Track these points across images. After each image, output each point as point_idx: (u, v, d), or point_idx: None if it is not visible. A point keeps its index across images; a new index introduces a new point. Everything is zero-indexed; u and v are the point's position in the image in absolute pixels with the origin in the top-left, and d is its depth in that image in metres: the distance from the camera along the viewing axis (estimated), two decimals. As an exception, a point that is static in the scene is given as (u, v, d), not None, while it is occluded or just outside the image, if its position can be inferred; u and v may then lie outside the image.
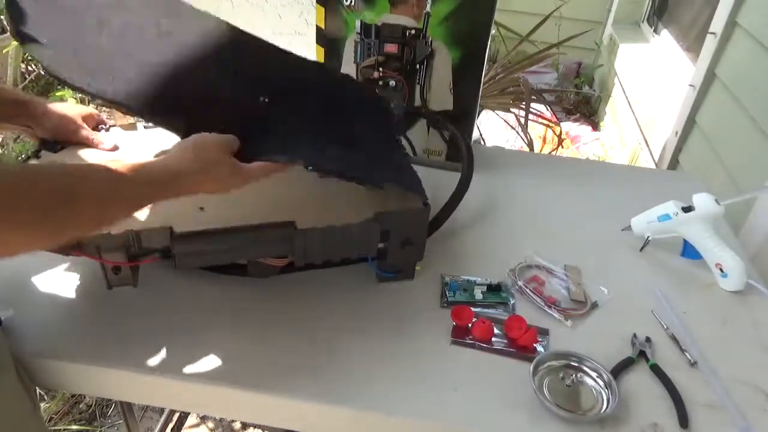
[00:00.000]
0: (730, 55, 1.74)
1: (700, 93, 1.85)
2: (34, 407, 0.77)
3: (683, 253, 0.96)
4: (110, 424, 1.53)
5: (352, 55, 1.12)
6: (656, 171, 1.85)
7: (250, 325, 0.79)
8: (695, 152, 1.88)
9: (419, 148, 1.19)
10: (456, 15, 1.04)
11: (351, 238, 0.77)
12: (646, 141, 2.32)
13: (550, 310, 0.83)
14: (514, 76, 2.02)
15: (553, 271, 0.91)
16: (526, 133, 2.01)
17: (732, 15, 1.70)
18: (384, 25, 1.08)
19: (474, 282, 0.87)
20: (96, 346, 0.75)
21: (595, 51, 3.52)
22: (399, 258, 0.84)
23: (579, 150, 2.86)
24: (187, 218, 0.75)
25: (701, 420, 0.69)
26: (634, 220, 0.99)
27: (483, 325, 0.78)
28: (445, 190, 0.94)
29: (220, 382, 0.71)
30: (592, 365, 0.73)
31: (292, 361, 0.74)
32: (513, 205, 1.09)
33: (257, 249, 0.78)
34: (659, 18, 3.02)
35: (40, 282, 0.83)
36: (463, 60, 1.08)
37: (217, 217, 0.77)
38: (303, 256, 0.78)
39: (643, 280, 0.92)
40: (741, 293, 0.90)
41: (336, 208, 0.80)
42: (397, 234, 0.80)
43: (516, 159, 1.32)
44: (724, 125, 1.71)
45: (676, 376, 0.73)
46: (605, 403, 0.69)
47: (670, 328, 0.82)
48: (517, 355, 0.76)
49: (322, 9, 1.08)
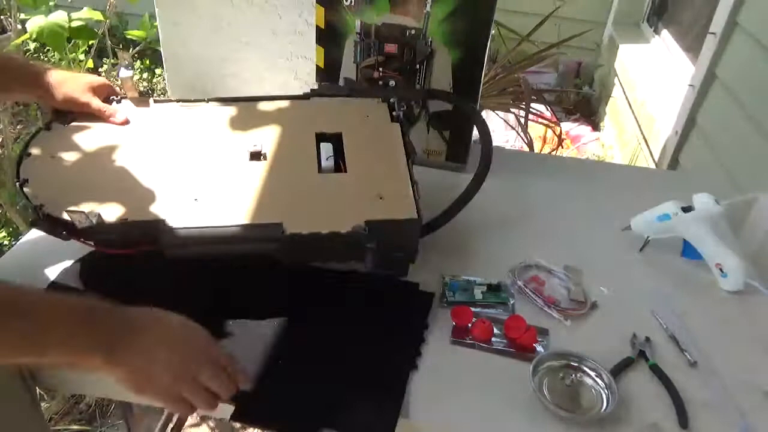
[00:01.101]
0: (730, 55, 1.74)
1: (700, 93, 1.85)
2: (34, 407, 0.77)
3: (683, 253, 0.96)
4: (110, 424, 1.53)
5: (352, 55, 1.12)
6: (656, 171, 1.85)
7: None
8: (695, 152, 1.88)
9: (419, 148, 1.19)
10: (456, 15, 1.04)
11: (338, 245, 0.77)
12: (646, 141, 2.32)
13: (550, 310, 0.83)
14: (514, 76, 2.01)
15: (553, 271, 0.91)
16: (526, 133, 2.01)
17: (732, 15, 1.70)
18: (384, 25, 1.08)
19: (474, 282, 0.87)
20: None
21: (595, 51, 3.52)
22: (389, 265, 0.83)
23: (579, 150, 2.86)
24: (181, 210, 0.76)
25: (701, 420, 0.69)
26: (634, 220, 0.99)
27: (483, 325, 0.78)
28: (445, 191, 0.94)
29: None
30: (591, 365, 0.73)
31: (292, 361, 0.74)
32: (513, 205, 1.09)
33: (244, 246, 0.77)
34: (659, 18, 3.02)
35: (40, 282, 0.83)
36: (463, 60, 1.08)
37: (211, 210, 0.77)
38: (289, 257, 0.78)
39: (643, 280, 0.92)
40: (741, 293, 0.90)
41: (328, 212, 0.79)
42: (386, 243, 0.79)
43: (516, 159, 1.32)
44: (724, 125, 1.71)
45: (675, 376, 0.73)
46: (605, 403, 0.69)
47: (670, 328, 0.82)
48: (516, 355, 0.76)
49: (322, 9, 1.08)
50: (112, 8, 1.98)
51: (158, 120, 0.93)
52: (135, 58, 3.36)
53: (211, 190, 0.81)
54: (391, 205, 0.80)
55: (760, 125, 1.47)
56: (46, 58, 3.41)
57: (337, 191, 0.82)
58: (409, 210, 0.79)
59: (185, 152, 0.87)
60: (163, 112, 0.94)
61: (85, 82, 0.90)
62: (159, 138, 0.89)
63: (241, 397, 0.68)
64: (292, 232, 0.75)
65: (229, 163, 0.86)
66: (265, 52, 1.34)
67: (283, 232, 0.75)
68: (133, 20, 2.85)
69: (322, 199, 0.81)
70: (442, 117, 1.15)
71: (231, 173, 0.84)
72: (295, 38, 1.31)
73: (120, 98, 0.95)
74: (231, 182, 0.83)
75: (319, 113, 0.96)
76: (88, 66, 2.09)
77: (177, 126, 0.92)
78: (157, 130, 0.91)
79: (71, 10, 1.74)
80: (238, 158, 0.86)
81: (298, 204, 0.81)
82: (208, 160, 0.86)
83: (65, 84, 0.87)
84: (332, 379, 0.72)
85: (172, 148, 0.88)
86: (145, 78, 3.48)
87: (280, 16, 1.28)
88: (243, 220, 0.77)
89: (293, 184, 0.84)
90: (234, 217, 0.77)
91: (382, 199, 0.80)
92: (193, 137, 0.90)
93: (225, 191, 0.81)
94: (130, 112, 0.92)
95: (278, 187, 0.83)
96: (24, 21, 1.79)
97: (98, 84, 0.91)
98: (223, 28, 1.32)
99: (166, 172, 0.83)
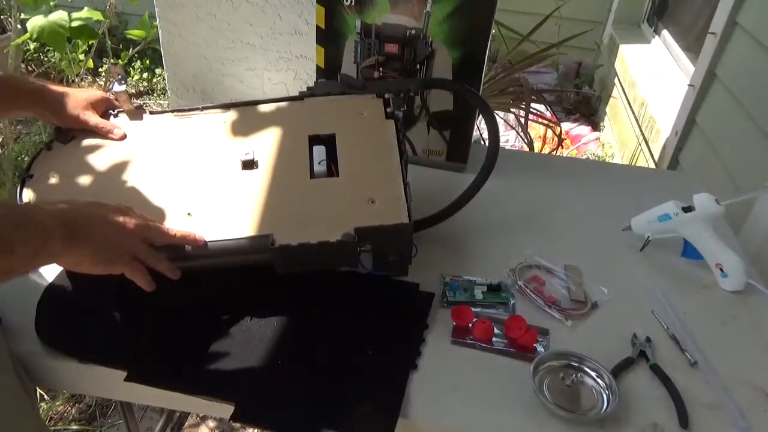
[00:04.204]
0: (730, 55, 1.74)
1: (700, 93, 1.85)
2: (33, 407, 0.77)
3: (683, 253, 0.96)
4: (110, 424, 1.53)
5: (353, 55, 1.12)
6: (656, 171, 1.85)
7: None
8: (695, 152, 1.88)
9: (419, 148, 1.19)
10: (456, 15, 1.04)
11: (329, 253, 0.77)
12: (646, 141, 2.32)
13: (551, 310, 0.83)
14: (514, 76, 2.01)
15: (553, 271, 0.91)
16: (526, 133, 2.01)
17: (732, 15, 1.70)
18: (384, 25, 1.08)
19: (474, 282, 0.87)
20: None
21: (595, 51, 3.52)
22: (386, 266, 0.83)
23: (579, 150, 2.86)
24: (175, 227, 0.77)
25: (701, 420, 0.69)
26: (634, 220, 0.99)
27: (483, 325, 0.78)
28: (445, 190, 0.94)
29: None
30: (592, 365, 0.73)
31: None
32: (513, 205, 1.09)
33: (235, 259, 0.78)
34: (659, 18, 3.02)
35: (40, 281, 0.83)
36: (463, 60, 1.08)
37: (203, 225, 0.78)
38: (283, 267, 0.78)
39: (643, 280, 0.92)
40: (741, 293, 0.90)
41: (319, 220, 0.79)
42: (378, 248, 0.79)
43: (516, 159, 1.32)
44: (724, 125, 1.71)
45: (676, 376, 0.73)
46: (605, 403, 0.69)
47: (671, 328, 0.82)
48: (517, 355, 0.76)
49: (322, 9, 1.08)
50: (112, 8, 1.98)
51: (152, 133, 0.94)
52: (135, 58, 3.36)
53: (203, 203, 0.82)
54: (382, 209, 0.79)
55: (760, 125, 1.47)
56: (46, 58, 3.42)
57: (329, 197, 0.82)
58: (400, 214, 0.78)
59: (178, 166, 0.88)
60: (157, 125, 0.95)
61: (84, 98, 0.91)
62: (153, 152, 0.90)
63: (241, 397, 0.68)
64: (281, 243, 0.75)
65: (222, 174, 0.86)
66: (265, 52, 1.34)
67: (273, 244, 0.75)
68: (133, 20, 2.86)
69: (313, 207, 0.81)
70: (442, 117, 1.15)
71: (223, 185, 0.85)
72: (295, 38, 1.31)
73: (117, 112, 0.96)
74: (223, 194, 0.83)
75: (312, 114, 0.96)
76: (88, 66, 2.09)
77: (170, 138, 0.93)
78: (151, 144, 0.92)
79: (71, 10, 1.74)
80: (231, 168, 0.87)
81: (289, 213, 0.81)
82: (200, 172, 0.87)
83: (65, 102, 0.88)
84: (332, 379, 0.71)
85: (166, 162, 0.89)
86: (145, 78, 3.48)
87: (280, 16, 1.28)
88: (235, 234, 0.77)
89: (285, 193, 0.83)
90: (226, 231, 0.77)
91: (374, 203, 0.80)
92: (186, 149, 0.91)
93: (217, 204, 0.82)
94: (126, 127, 0.94)
95: (270, 196, 0.83)
96: (24, 21, 1.79)
97: (96, 99, 0.93)
98: (223, 28, 1.32)
99: (160, 188, 0.84)
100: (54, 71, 3.24)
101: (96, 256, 0.67)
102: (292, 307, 0.81)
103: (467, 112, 1.14)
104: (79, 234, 0.65)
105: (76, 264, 0.68)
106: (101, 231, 0.68)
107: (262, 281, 0.83)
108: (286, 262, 0.78)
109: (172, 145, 0.91)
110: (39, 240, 0.62)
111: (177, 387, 0.70)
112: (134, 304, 0.79)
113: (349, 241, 0.76)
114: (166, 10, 1.32)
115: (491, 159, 0.93)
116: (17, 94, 0.86)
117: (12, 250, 0.60)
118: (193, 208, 0.81)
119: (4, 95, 0.85)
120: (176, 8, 1.31)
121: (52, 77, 3.19)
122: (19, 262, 0.61)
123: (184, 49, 1.37)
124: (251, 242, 0.76)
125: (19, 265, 0.62)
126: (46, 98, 0.87)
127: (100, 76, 3.34)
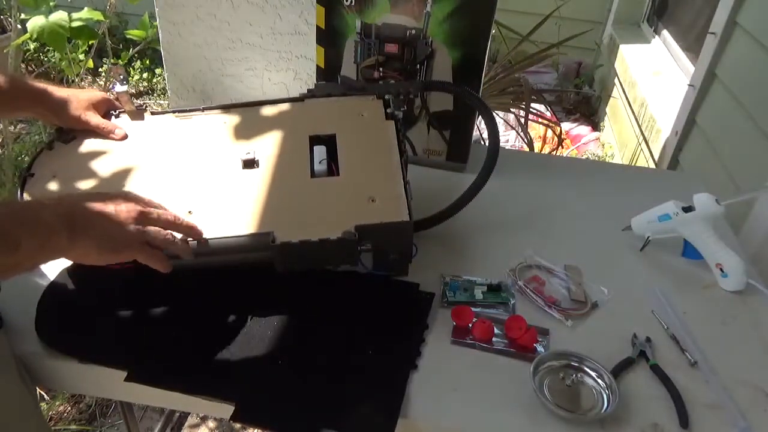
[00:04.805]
0: (730, 55, 1.74)
1: (700, 93, 1.85)
2: (34, 407, 0.77)
3: (683, 253, 0.96)
4: (110, 424, 1.53)
5: (353, 55, 1.12)
6: (656, 171, 1.85)
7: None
8: (695, 152, 1.88)
9: (419, 148, 1.19)
10: (456, 15, 1.04)
11: (329, 251, 0.77)
12: (646, 141, 2.32)
13: (551, 310, 0.83)
14: (514, 76, 2.01)
15: (553, 271, 0.91)
16: (526, 133, 2.01)
17: (732, 15, 1.70)
18: (384, 25, 1.08)
19: (474, 282, 0.87)
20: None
21: (595, 51, 3.52)
22: (386, 265, 0.83)
23: (579, 150, 2.86)
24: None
25: (701, 420, 0.69)
26: (634, 220, 0.99)
27: (483, 325, 0.78)
28: (445, 191, 0.94)
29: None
30: (592, 365, 0.73)
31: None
32: (513, 205, 1.09)
33: (236, 256, 0.78)
34: (659, 18, 3.02)
35: (41, 281, 0.83)
36: (463, 60, 1.08)
37: (204, 222, 0.78)
38: (283, 265, 0.78)
39: (643, 280, 0.92)
40: (741, 293, 0.90)
41: (320, 218, 0.79)
42: (379, 246, 0.79)
43: (516, 159, 1.32)
44: (724, 125, 1.71)
45: (676, 376, 0.73)
46: (605, 403, 0.69)
47: (671, 328, 0.82)
48: (517, 355, 0.76)
49: (322, 9, 1.08)
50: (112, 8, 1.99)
51: (154, 133, 0.94)
52: (135, 58, 3.37)
53: (204, 201, 0.82)
54: (382, 207, 0.79)
55: (760, 125, 1.47)
56: (46, 58, 3.42)
57: (329, 196, 0.82)
58: (401, 212, 0.78)
59: (180, 164, 0.88)
60: (159, 125, 0.95)
61: (86, 99, 0.91)
62: (154, 152, 0.90)
63: (241, 397, 0.68)
64: (282, 241, 0.75)
65: (223, 172, 0.87)
66: (265, 52, 1.34)
67: (273, 241, 0.75)
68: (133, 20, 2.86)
69: (314, 205, 0.81)
70: (442, 117, 1.16)
71: (224, 183, 0.85)
72: (295, 38, 1.31)
73: (119, 112, 0.96)
74: (224, 193, 0.83)
75: (313, 115, 0.96)
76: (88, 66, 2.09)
77: (172, 138, 0.93)
78: (152, 144, 0.92)
79: (71, 10, 1.75)
80: (232, 167, 0.87)
81: (290, 211, 0.81)
82: (202, 171, 0.87)
83: (67, 102, 0.88)
84: (332, 379, 0.72)
85: (167, 161, 0.89)
86: (145, 78, 3.48)
87: (280, 16, 1.28)
88: (236, 231, 0.77)
89: (285, 191, 0.84)
90: (227, 229, 0.77)
91: (374, 202, 0.80)
92: (188, 149, 0.91)
93: (218, 202, 0.82)
94: (127, 127, 0.94)
95: (270, 194, 0.83)
96: (24, 21, 1.80)
97: (98, 100, 0.93)
98: (223, 28, 1.32)
99: (161, 186, 0.84)
100: (54, 71, 3.24)
101: (101, 247, 0.66)
102: (293, 307, 0.81)
103: (467, 112, 1.14)
104: (78, 227, 0.65)
105: (83, 256, 0.67)
106: (101, 221, 0.67)
107: (262, 281, 0.83)
108: (286, 260, 0.77)
109: (173, 145, 0.92)
110: (44, 235, 0.62)
111: (177, 387, 0.71)
112: (134, 304, 0.79)
113: (349, 238, 0.76)
114: (166, 10, 1.32)
115: (491, 161, 0.93)
116: (19, 95, 0.86)
117: (18, 246, 0.59)
118: (193, 206, 0.81)
119: (5, 96, 0.85)
120: (176, 8, 1.31)
121: (52, 77, 3.19)
122: (25, 257, 0.61)
123: (184, 49, 1.37)
124: (252, 240, 0.76)
125: (26, 261, 0.62)
126: (48, 99, 0.87)
127: (100, 76, 3.34)
